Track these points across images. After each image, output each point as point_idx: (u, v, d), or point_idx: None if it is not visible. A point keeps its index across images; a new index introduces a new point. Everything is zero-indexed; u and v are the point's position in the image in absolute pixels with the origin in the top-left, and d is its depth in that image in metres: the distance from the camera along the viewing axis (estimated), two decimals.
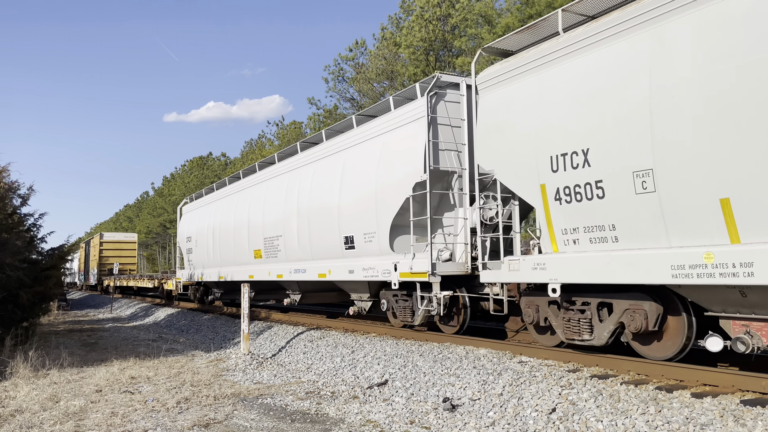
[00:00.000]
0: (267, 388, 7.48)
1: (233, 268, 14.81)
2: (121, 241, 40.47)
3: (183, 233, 19.25)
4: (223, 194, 16.42)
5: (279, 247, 12.28)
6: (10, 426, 5.91)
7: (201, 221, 17.36)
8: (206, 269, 16.76)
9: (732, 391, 5.03)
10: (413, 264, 8.47)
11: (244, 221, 14.12)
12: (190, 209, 19.49)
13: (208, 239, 16.42)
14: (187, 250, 18.49)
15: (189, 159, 73.52)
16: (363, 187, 9.58)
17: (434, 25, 29.23)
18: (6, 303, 10.99)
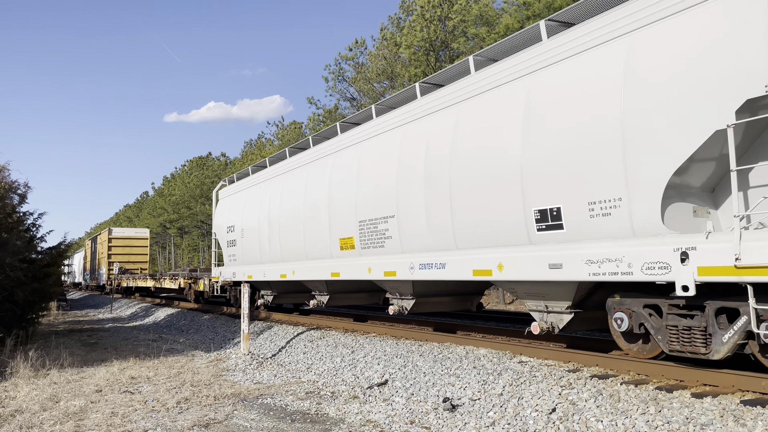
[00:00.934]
0: (267, 388, 7.48)
1: (301, 264, 11.40)
2: (131, 237, 36.51)
3: (222, 223, 15.60)
4: (280, 169, 12.77)
5: (388, 232, 8.80)
6: (10, 426, 5.91)
7: (248, 206, 14.00)
8: (255, 266, 13.48)
9: (732, 391, 5.02)
10: (747, 249, 4.53)
11: (321, 202, 10.54)
12: (229, 192, 15.82)
13: (261, 228, 13.03)
14: (228, 242, 15.05)
15: (189, 159, 73.57)
16: (587, 126, 5.77)
17: (435, 25, 29.27)
18: (6, 303, 10.99)
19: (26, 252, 11.91)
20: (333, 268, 10.23)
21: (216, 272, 16.13)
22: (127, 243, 35.62)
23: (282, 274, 12.16)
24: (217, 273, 15.95)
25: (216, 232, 16.25)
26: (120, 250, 34.92)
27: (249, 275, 13.66)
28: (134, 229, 38.42)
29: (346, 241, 9.83)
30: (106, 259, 34.49)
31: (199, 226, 63.31)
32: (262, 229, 12.93)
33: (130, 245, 35.66)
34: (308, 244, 11.03)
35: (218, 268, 15.93)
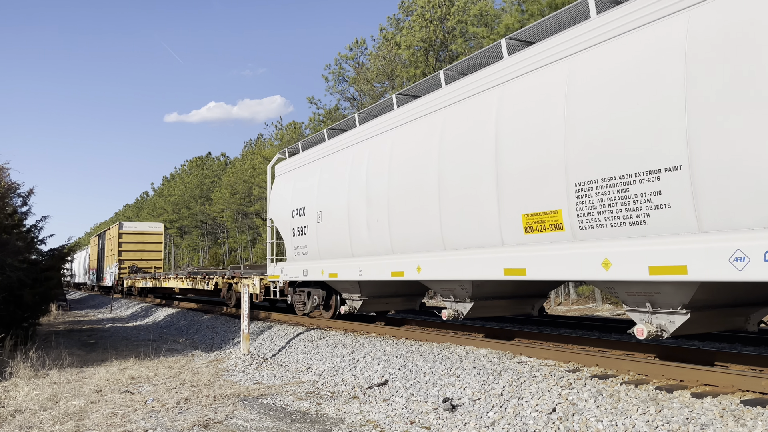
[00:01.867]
0: (267, 388, 7.48)
1: (435, 257, 7.92)
2: (144, 232, 32.41)
3: (282, 205, 12.41)
4: (386, 124, 9.24)
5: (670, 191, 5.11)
6: (9, 426, 5.91)
7: (328, 181, 10.69)
8: (343, 261, 10.18)
9: (732, 391, 5.03)
10: None
11: (485, 163, 7.05)
12: (293, 165, 12.44)
13: (353, 209, 9.69)
14: (295, 230, 11.78)
15: (189, 159, 73.65)
16: None
17: (434, 25, 29.29)
18: (7, 303, 10.99)
19: (27, 253, 11.91)
20: (509, 262, 6.78)
21: (274, 269, 12.61)
22: (140, 239, 31.63)
23: (396, 271, 8.78)
24: (277, 270, 12.45)
25: (273, 218, 12.88)
26: (131, 247, 31.12)
27: (332, 273, 10.38)
28: (147, 223, 33.70)
29: (540, 219, 6.36)
30: (116, 256, 30.79)
31: (199, 226, 63.36)
32: (355, 211, 9.59)
33: (142, 241, 31.72)
34: (454, 229, 7.54)
35: (278, 265, 12.59)
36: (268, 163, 18.30)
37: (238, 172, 53.31)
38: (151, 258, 31.71)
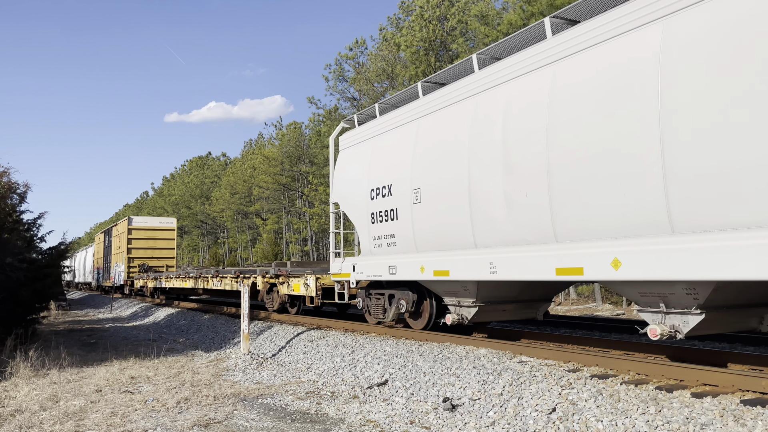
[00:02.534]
0: (267, 388, 7.48)
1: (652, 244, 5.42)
2: (155, 227, 29.98)
3: (353, 185, 10.12)
4: (525, 64, 6.92)
5: None
6: (10, 426, 5.91)
7: (427, 149, 8.36)
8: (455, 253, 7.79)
9: (732, 391, 5.03)
10: None
11: None
12: (369, 134, 10.07)
13: (484, 179, 7.26)
14: (375, 215, 9.40)
15: (189, 159, 73.71)
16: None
17: (434, 25, 29.30)
18: (6, 303, 10.99)
19: (26, 252, 11.91)
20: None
21: (341, 266, 10.34)
22: (151, 235, 29.29)
23: (565, 268, 6.24)
24: (346, 268, 10.21)
25: (339, 201, 10.59)
26: (142, 244, 28.85)
27: (440, 270, 8.00)
28: (159, 219, 31.36)
29: None
30: (125, 254, 28.44)
31: (199, 226, 63.40)
32: (482, 184, 7.21)
33: (153, 237, 29.38)
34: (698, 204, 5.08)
35: (347, 260, 10.24)
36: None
37: (238, 172, 53.33)
38: (162, 256, 29.26)
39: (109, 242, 33.65)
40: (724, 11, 4.96)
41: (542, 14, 23.07)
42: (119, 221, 31.91)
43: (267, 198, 47.73)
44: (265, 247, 46.84)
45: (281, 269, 13.08)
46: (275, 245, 47.35)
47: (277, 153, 44.24)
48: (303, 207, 44.65)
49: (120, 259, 29.66)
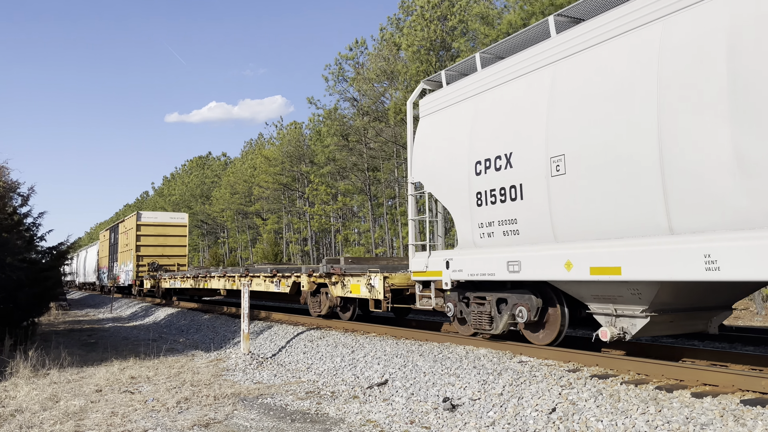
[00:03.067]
0: (267, 388, 7.48)
1: None
2: (166, 223, 27.67)
3: (446, 157, 8.24)
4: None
5: None
6: (10, 426, 5.91)
7: (569, 99, 6.40)
8: (631, 242, 5.73)
9: (732, 391, 5.02)
10: None
11: None
12: (459, 96, 8.22)
13: (695, 130, 5.17)
14: (482, 195, 7.50)
15: (189, 159, 73.75)
16: None
17: (435, 24, 29.32)
18: (6, 303, 10.99)
19: (26, 252, 11.91)
20: None
21: (428, 262, 8.40)
22: (161, 231, 27.14)
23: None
24: (436, 263, 8.24)
25: (424, 179, 8.59)
26: (151, 241, 26.76)
27: (605, 266, 5.96)
28: (169, 214, 29.13)
29: None
30: (134, 252, 26.46)
31: (199, 226, 63.37)
32: (698, 141, 5.18)
33: (164, 234, 27.19)
34: None
35: (437, 254, 8.34)
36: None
37: (238, 171, 53.34)
38: (173, 254, 27.10)
39: (115, 240, 31.40)
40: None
41: (543, 14, 23.06)
42: (127, 217, 29.31)
43: (267, 198, 47.73)
44: (265, 247, 46.84)
45: (334, 267, 10.95)
46: (275, 245, 47.34)
47: (277, 153, 44.25)
48: (303, 207, 44.64)
49: (128, 257, 27.46)
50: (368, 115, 34.86)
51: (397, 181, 36.76)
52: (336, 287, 10.91)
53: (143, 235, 26.63)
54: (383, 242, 39.94)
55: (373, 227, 40.16)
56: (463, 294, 8.20)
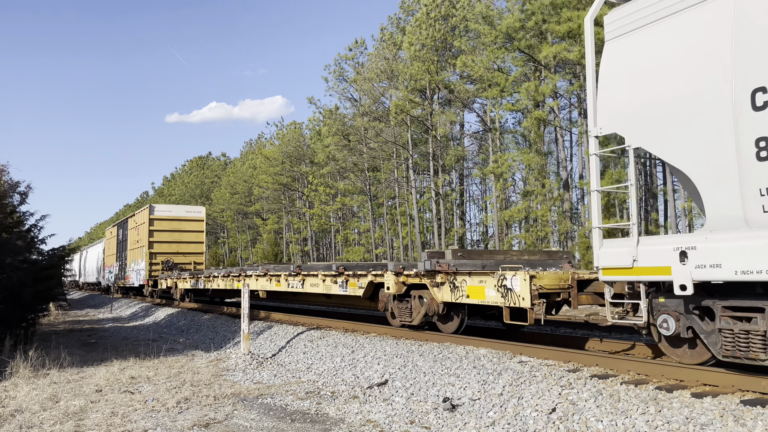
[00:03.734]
0: (267, 388, 7.48)
1: None
2: (181, 218, 24.84)
3: (686, 86, 5.44)
4: None
5: None
6: (10, 426, 5.91)
7: None
8: None
9: (732, 391, 5.02)
10: None
11: None
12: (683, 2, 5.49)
13: None
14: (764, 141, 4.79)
15: (189, 159, 73.79)
16: None
17: (439, 23, 29.37)
18: (6, 303, 10.99)
19: (27, 253, 11.91)
20: None
21: (638, 253, 5.77)
22: (176, 226, 24.49)
23: None
24: (658, 254, 5.58)
25: (622, 129, 6.07)
26: (166, 237, 24.18)
27: None
28: (185, 207, 25.86)
29: None
30: (146, 249, 23.91)
31: None
32: None
33: (179, 229, 24.55)
34: None
35: (659, 241, 5.69)
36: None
37: (238, 172, 53.35)
38: (190, 251, 24.57)
39: (124, 236, 28.78)
40: None
41: (542, 13, 23.06)
42: (138, 211, 26.84)
43: (267, 198, 47.73)
44: (265, 247, 46.81)
45: (440, 262, 8.45)
46: (275, 245, 47.32)
47: (277, 153, 44.25)
48: (303, 207, 44.62)
49: (139, 255, 25.08)
50: (368, 115, 34.86)
51: (397, 181, 36.73)
52: (441, 289, 8.57)
53: (157, 231, 23.95)
54: (383, 242, 39.94)
55: (373, 227, 40.16)
56: (694, 303, 5.58)
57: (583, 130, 26.66)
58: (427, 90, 31.17)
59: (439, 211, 33.12)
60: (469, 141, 37.63)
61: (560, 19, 21.54)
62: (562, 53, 22.08)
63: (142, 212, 25.42)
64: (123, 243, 28.87)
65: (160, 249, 24.03)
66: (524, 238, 27.69)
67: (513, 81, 26.40)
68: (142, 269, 24.41)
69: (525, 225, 29.26)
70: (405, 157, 34.87)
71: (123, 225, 29.49)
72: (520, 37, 23.96)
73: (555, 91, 26.37)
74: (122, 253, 29.02)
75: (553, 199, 26.94)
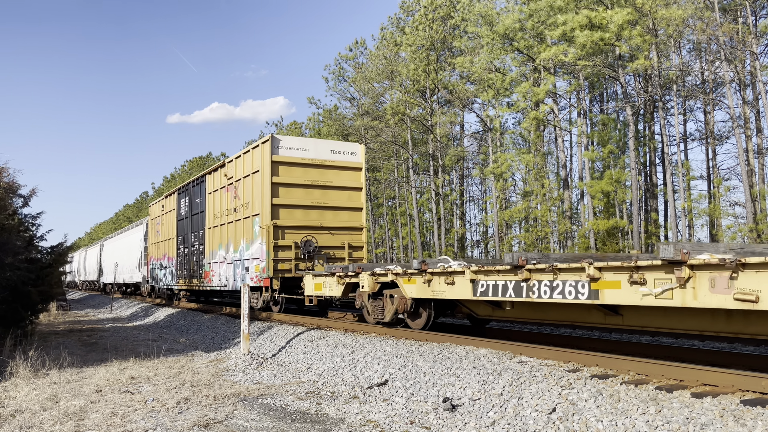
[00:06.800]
0: (267, 388, 7.48)
1: None
2: (325, 162, 13.96)
3: None
4: None
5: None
6: (10, 426, 5.91)
7: None
8: None
9: (732, 391, 5.02)
10: None
11: None
12: None
13: None
14: None
15: (189, 159, 73.75)
16: None
17: (437, 24, 29.36)
18: (6, 303, 10.99)
19: (27, 252, 11.90)
20: None
21: None
22: (316, 177, 13.87)
23: None
24: None
25: None
26: (299, 198, 13.64)
27: None
28: (329, 143, 14.57)
29: None
30: (265, 220, 13.16)
31: None
32: None
33: (321, 183, 13.93)
34: None
35: None
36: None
37: None
38: (340, 225, 14.00)
39: (195, 207, 17.96)
40: None
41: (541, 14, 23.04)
42: (243, 151, 14.67)
43: None
44: None
45: None
46: None
47: None
48: None
49: (241, 233, 14.34)
50: (368, 115, 34.86)
51: (397, 181, 36.73)
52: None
53: (284, 185, 13.33)
54: (383, 242, 39.92)
55: (373, 227, 40.15)
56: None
57: (582, 130, 26.66)
58: (427, 90, 31.18)
59: (439, 211, 33.12)
60: (469, 141, 37.66)
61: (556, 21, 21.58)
62: (559, 56, 22.11)
63: (251, 153, 14.05)
64: (194, 218, 17.98)
65: (290, 220, 13.34)
66: (524, 238, 27.70)
67: (511, 81, 26.42)
68: (254, 259, 13.64)
69: (525, 225, 29.29)
70: (405, 157, 34.87)
71: (193, 188, 18.20)
72: (519, 38, 23.99)
73: (554, 92, 26.37)
74: (187, 238, 18.56)
75: (553, 199, 26.96)
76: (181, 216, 19.52)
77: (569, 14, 21.03)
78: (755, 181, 22.51)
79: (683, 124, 28.93)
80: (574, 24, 20.36)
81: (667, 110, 25.96)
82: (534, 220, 28.00)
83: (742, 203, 23.53)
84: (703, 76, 26.09)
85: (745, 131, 22.86)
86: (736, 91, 23.59)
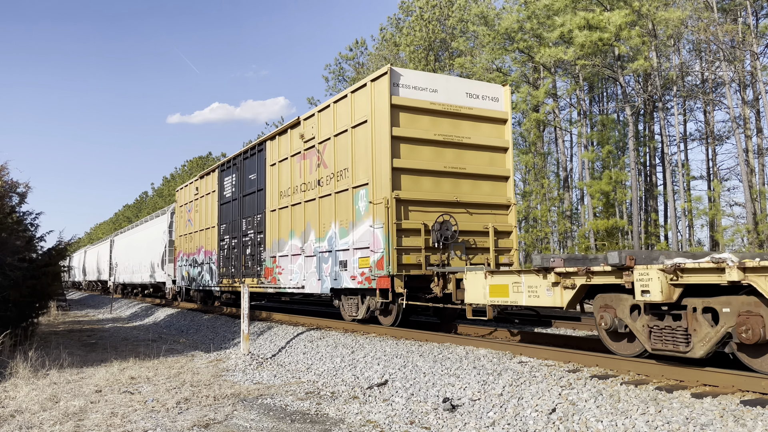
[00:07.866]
0: (267, 389, 7.48)
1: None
2: (459, 109, 9.81)
3: None
4: None
5: None
6: (9, 426, 5.90)
7: None
8: None
9: (732, 391, 5.02)
10: None
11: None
12: None
13: None
14: None
15: (189, 159, 73.76)
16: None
17: (434, 25, 29.33)
18: (6, 302, 10.99)
19: (26, 252, 11.90)
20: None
21: None
22: (448, 131, 9.73)
23: None
24: None
25: None
26: (426, 160, 9.56)
27: None
28: (464, 83, 10.23)
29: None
30: (387, 192, 9.04)
31: None
32: None
33: (456, 139, 9.80)
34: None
35: None
36: None
37: None
38: (479, 201, 10.04)
39: (243, 184, 14.74)
40: None
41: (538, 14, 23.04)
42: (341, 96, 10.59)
43: None
44: None
45: None
46: None
47: None
48: None
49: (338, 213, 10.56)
50: None
51: None
52: None
53: (407, 141, 9.58)
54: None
55: None
56: None
57: (582, 131, 26.67)
58: None
59: None
60: None
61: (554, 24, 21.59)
62: (559, 54, 22.11)
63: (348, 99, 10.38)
64: (246, 200, 14.51)
65: (416, 191, 9.60)
66: (524, 238, 27.69)
67: (511, 82, 26.44)
68: (357, 249, 9.99)
69: (525, 225, 29.28)
70: None
71: (244, 162, 14.67)
72: (519, 38, 23.99)
73: (554, 93, 26.37)
74: (239, 222, 14.81)
75: (553, 199, 26.95)
76: (225, 199, 15.71)
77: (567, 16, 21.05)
78: (755, 181, 22.52)
79: (683, 124, 28.96)
80: (572, 25, 20.38)
81: (666, 110, 25.97)
82: (534, 220, 28.00)
83: (741, 203, 23.54)
84: (703, 76, 26.10)
85: (745, 131, 22.88)
86: (736, 91, 23.61)
